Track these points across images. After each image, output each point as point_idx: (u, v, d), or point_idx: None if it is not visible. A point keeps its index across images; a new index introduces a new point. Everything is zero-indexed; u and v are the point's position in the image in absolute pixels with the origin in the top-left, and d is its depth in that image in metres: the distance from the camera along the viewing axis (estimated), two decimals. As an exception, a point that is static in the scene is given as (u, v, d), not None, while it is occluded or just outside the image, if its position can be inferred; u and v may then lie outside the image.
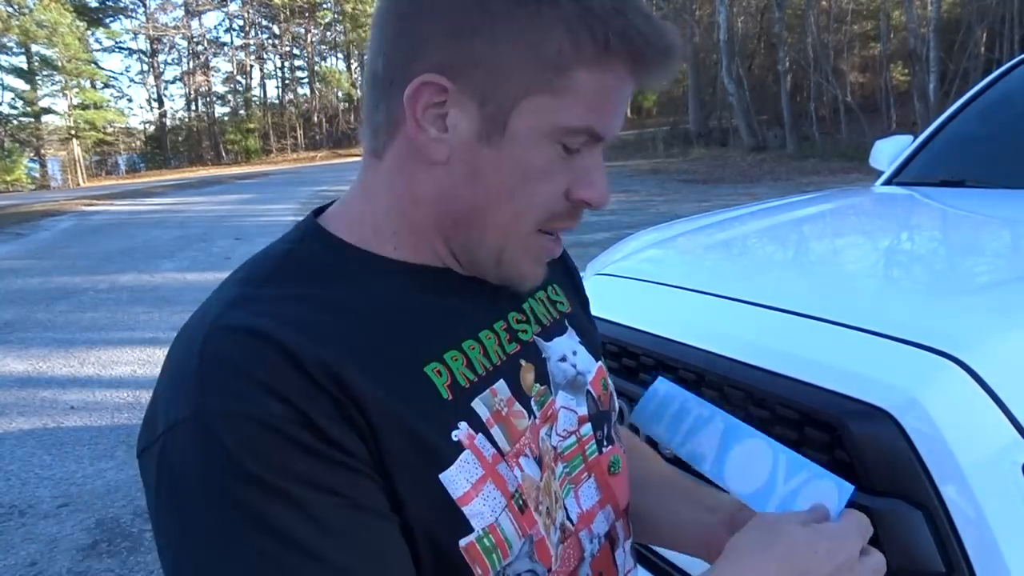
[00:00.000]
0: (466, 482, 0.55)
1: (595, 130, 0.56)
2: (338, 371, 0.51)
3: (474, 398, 0.58)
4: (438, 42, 0.55)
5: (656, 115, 39.56)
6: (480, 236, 0.59)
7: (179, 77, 47.36)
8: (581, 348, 0.72)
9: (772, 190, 11.49)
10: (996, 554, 0.81)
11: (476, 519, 0.55)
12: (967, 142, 2.26)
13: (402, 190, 0.59)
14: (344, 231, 0.61)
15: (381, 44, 0.58)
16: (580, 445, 0.68)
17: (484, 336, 0.62)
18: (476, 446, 0.57)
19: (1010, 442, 0.83)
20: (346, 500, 0.49)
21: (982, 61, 17.38)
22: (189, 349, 0.52)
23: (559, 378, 0.68)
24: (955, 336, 0.93)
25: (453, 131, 0.55)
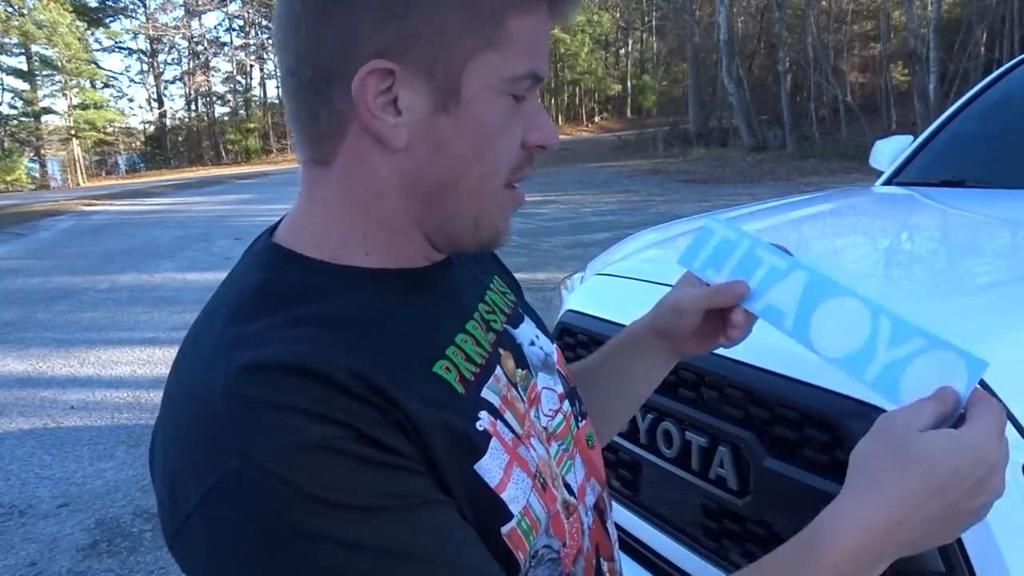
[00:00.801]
0: (499, 469, 0.56)
1: (537, 73, 0.56)
2: (370, 379, 0.50)
3: (482, 388, 0.59)
4: (372, 27, 0.52)
5: (656, 115, 39.56)
6: (455, 208, 0.58)
7: (179, 77, 47.40)
8: (538, 332, 0.74)
9: (772, 190, 11.50)
10: (996, 554, 0.81)
11: (513, 504, 0.56)
12: (967, 142, 2.26)
13: (363, 189, 0.57)
14: (311, 249, 0.58)
15: (300, 47, 0.55)
16: (567, 421, 0.69)
17: (471, 327, 0.63)
18: (499, 432, 0.58)
19: (1010, 442, 0.83)
20: (419, 499, 0.49)
21: (982, 61, 17.39)
22: (205, 406, 0.49)
23: (535, 361, 0.69)
24: (955, 336, 0.93)
25: (408, 112, 0.54)
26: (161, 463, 0.52)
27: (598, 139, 32.49)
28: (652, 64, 47.04)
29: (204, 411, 0.49)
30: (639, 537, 1.28)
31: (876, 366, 0.62)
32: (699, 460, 1.12)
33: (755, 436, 1.02)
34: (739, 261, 0.74)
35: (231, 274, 0.60)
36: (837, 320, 0.66)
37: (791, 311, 0.68)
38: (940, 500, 0.54)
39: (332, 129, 0.56)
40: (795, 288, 0.69)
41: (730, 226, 0.76)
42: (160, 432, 0.53)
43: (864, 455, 0.57)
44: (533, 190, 14.80)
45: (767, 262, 0.71)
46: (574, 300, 1.53)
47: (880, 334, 0.63)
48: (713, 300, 0.76)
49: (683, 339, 0.81)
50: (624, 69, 47.17)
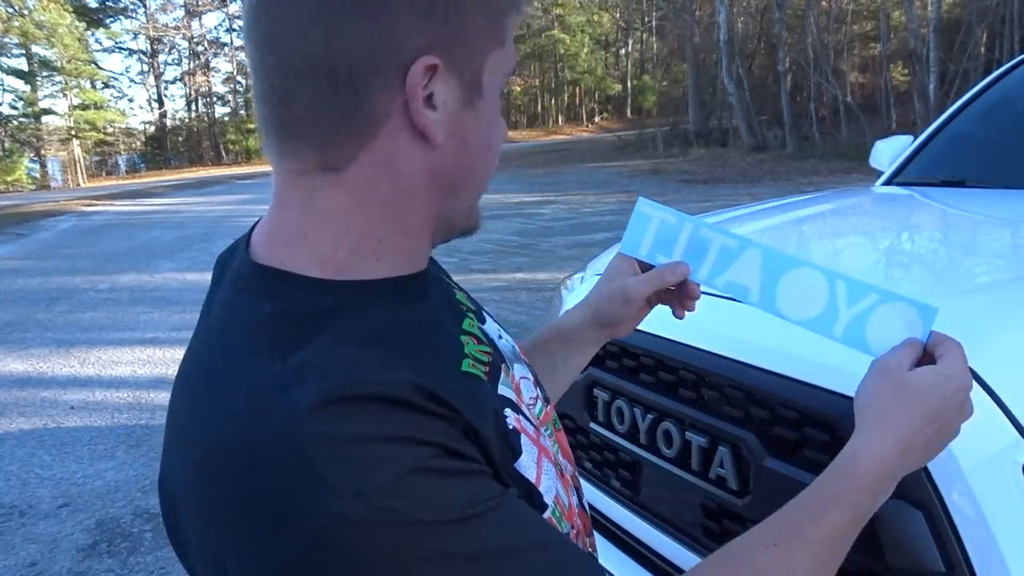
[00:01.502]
0: (533, 463, 0.58)
1: (515, 65, 0.61)
2: (431, 390, 0.50)
3: (497, 385, 0.60)
4: (415, 26, 0.52)
5: (656, 115, 39.55)
6: (466, 197, 0.61)
7: (179, 77, 47.43)
8: (500, 327, 0.75)
9: (772, 190, 11.50)
10: (996, 554, 0.81)
11: (547, 495, 0.59)
12: (967, 142, 2.26)
13: (391, 191, 0.55)
14: (314, 268, 0.55)
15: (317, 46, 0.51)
16: (546, 408, 0.72)
17: (467, 326, 0.64)
18: (524, 427, 0.59)
19: (1010, 442, 0.83)
20: (500, 497, 0.51)
21: (982, 61, 17.39)
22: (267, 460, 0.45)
23: (508, 354, 0.70)
24: (955, 336, 0.93)
25: (442, 108, 0.54)
26: (205, 538, 0.49)
27: (598, 139, 32.49)
28: (652, 64, 47.04)
29: (277, 463, 0.45)
30: (639, 537, 1.28)
31: (841, 324, 0.71)
32: (699, 460, 1.12)
33: (755, 436, 1.02)
34: (688, 244, 0.79)
35: (223, 306, 0.56)
36: (799, 288, 0.73)
37: (755, 285, 0.75)
38: (933, 424, 0.65)
39: (359, 130, 0.53)
40: (753, 264, 0.75)
41: (665, 208, 0.81)
42: (194, 504, 0.49)
43: (868, 396, 0.68)
44: (533, 190, 14.83)
45: (717, 241, 0.77)
46: (574, 300, 1.53)
47: (839, 296, 0.71)
48: (661, 282, 0.80)
49: (621, 324, 0.86)
50: (624, 69, 47.18)
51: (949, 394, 0.65)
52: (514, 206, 12.15)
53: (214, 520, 0.48)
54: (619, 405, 1.29)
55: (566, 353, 0.90)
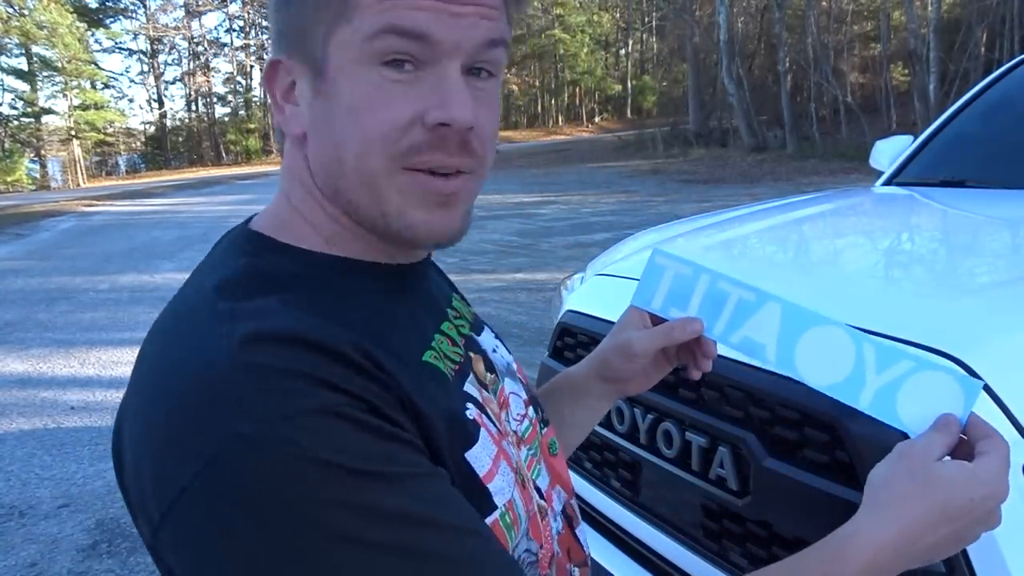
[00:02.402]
0: (488, 459, 0.56)
1: (398, 25, 0.51)
2: (373, 354, 0.50)
3: (464, 382, 0.60)
4: (274, 28, 0.57)
5: (656, 115, 39.54)
6: (352, 189, 0.55)
7: (179, 78, 47.44)
8: (498, 343, 0.74)
9: (772, 190, 11.50)
10: (996, 554, 0.80)
11: (498, 496, 0.56)
12: (967, 142, 2.26)
13: (295, 182, 0.59)
14: (284, 234, 0.58)
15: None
16: (534, 426, 0.70)
17: (446, 328, 0.63)
18: (485, 423, 0.58)
19: (1010, 442, 0.83)
20: (425, 468, 0.49)
21: (982, 61, 17.38)
22: (200, 377, 0.47)
23: (501, 367, 0.69)
24: (955, 336, 0.93)
25: (301, 100, 0.56)
26: (134, 449, 0.49)
27: (598, 139, 32.49)
28: (652, 64, 47.05)
29: (200, 382, 0.47)
30: (639, 537, 1.28)
31: (868, 392, 0.64)
32: (699, 460, 1.12)
33: (755, 436, 1.02)
34: (704, 297, 0.73)
35: (209, 257, 0.59)
36: (821, 349, 0.66)
37: (771, 343, 0.69)
38: (950, 526, 0.58)
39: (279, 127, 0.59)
40: (771, 320, 0.69)
41: (681, 260, 0.75)
42: (132, 416, 0.51)
43: (884, 477, 0.61)
44: (533, 190, 14.83)
45: (734, 295, 0.71)
46: (574, 300, 1.53)
47: (866, 360, 0.64)
48: (668, 339, 0.75)
49: (630, 380, 0.81)
50: (624, 69, 47.18)
51: (978, 499, 0.58)
52: (514, 206, 12.15)
53: (141, 437, 0.49)
54: (619, 405, 1.29)
55: (574, 406, 0.85)
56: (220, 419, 0.45)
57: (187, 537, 0.46)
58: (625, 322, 0.80)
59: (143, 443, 0.49)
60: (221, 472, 0.44)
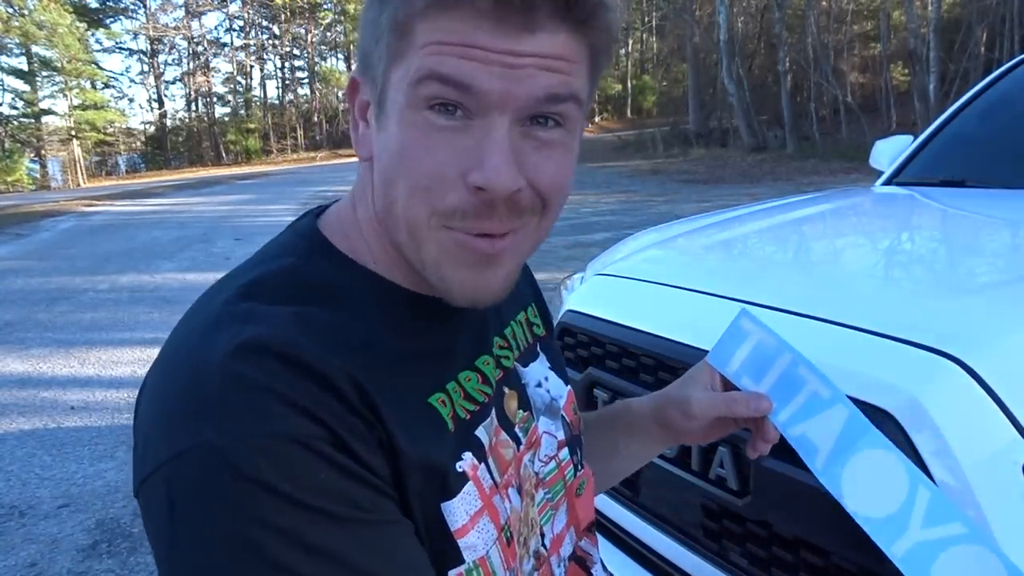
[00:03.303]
0: (465, 514, 0.54)
1: (440, 72, 0.48)
2: (365, 390, 0.50)
3: (476, 427, 0.58)
4: (359, 42, 0.56)
5: (656, 115, 39.55)
6: (398, 232, 0.54)
7: (179, 77, 47.45)
8: (552, 374, 0.71)
9: (772, 190, 11.49)
10: (996, 554, 0.80)
11: (468, 551, 0.54)
12: (967, 142, 2.26)
13: (364, 197, 0.59)
14: (340, 242, 0.58)
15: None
16: (560, 470, 0.67)
17: (482, 363, 0.61)
18: (478, 477, 0.56)
19: (1010, 442, 0.83)
20: (379, 516, 0.48)
21: (982, 61, 17.38)
22: (196, 372, 0.48)
23: (538, 404, 0.67)
24: (956, 336, 0.93)
25: (371, 124, 0.55)
26: (143, 411, 0.52)
27: (598, 139, 32.48)
28: (652, 64, 47.03)
29: (195, 377, 0.48)
30: (639, 537, 1.28)
31: (907, 541, 0.58)
32: (699, 460, 1.12)
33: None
34: (780, 376, 0.67)
35: (272, 242, 0.60)
36: (873, 474, 0.61)
37: (825, 449, 0.64)
38: None
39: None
40: (834, 424, 0.63)
41: (767, 329, 0.69)
42: (150, 380, 0.53)
43: None
44: (533, 190, 14.73)
45: (810, 386, 0.65)
46: (574, 300, 1.53)
47: (916, 506, 0.58)
48: (730, 411, 0.69)
49: (686, 435, 0.76)
50: (624, 69, 47.13)
51: None
52: (514, 206, 12.11)
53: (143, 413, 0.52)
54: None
55: (628, 439, 0.81)
56: (198, 420, 0.46)
57: (149, 511, 0.48)
58: (694, 376, 0.75)
59: (145, 416, 0.52)
60: (184, 468, 0.46)
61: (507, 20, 0.47)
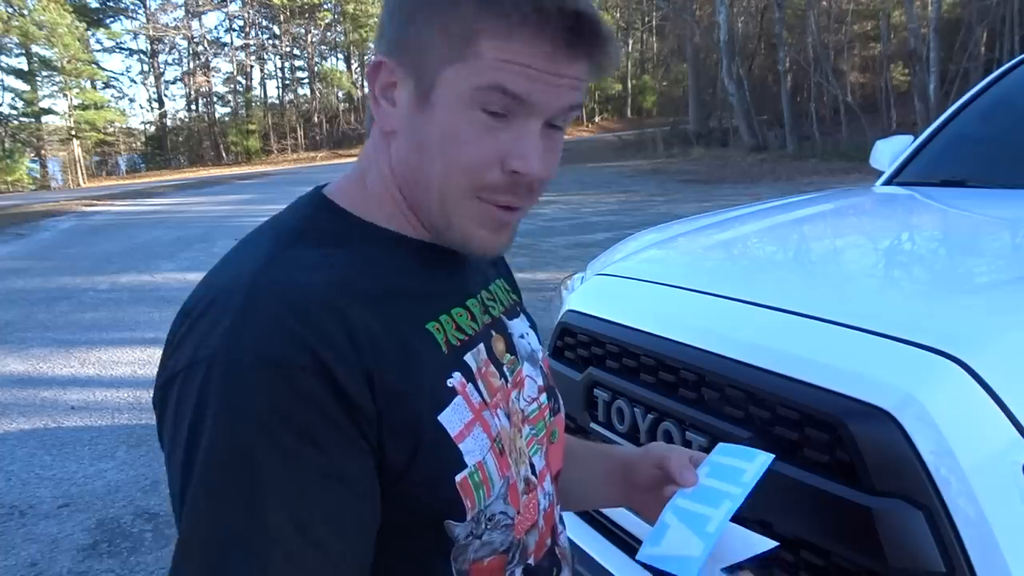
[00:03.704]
0: (459, 422, 0.63)
1: (506, 87, 0.59)
2: (374, 331, 0.59)
3: (466, 353, 0.67)
4: (387, 28, 0.65)
5: (656, 115, 39.55)
6: (427, 198, 0.65)
7: (180, 77, 47.45)
8: (530, 332, 0.82)
9: (773, 190, 11.49)
10: (996, 554, 0.81)
11: (468, 456, 0.63)
12: (967, 142, 2.26)
13: (380, 166, 0.68)
14: (350, 205, 0.68)
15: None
16: (541, 411, 0.77)
17: (471, 304, 0.71)
18: (467, 393, 0.65)
19: (1010, 442, 0.83)
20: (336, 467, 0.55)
21: (982, 61, 17.38)
22: (231, 290, 0.58)
23: (522, 351, 0.77)
24: (955, 336, 0.94)
25: (400, 103, 0.64)
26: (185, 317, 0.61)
27: (598, 139, 32.49)
28: (652, 64, 47.01)
29: (228, 293, 0.58)
30: (639, 537, 1.28)
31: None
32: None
33: (756, 436, 1.02)
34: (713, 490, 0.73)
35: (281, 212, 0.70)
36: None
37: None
38: None
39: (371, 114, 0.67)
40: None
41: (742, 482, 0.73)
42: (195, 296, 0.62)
43: None
44: (533, 190, 14.74)
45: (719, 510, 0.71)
46: (574, 300, 1.53)
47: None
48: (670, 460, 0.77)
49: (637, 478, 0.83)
50: (624, 69, 47.10)
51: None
52: (514, 206, 12.10)
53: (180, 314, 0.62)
54: (619, 405, 1.29)
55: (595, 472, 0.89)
56: (217, 333, 0.56)
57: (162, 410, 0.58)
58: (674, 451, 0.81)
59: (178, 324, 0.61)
60: (190, 375, 0.56)
61: (559, 53, 0.60)
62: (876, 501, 0.86)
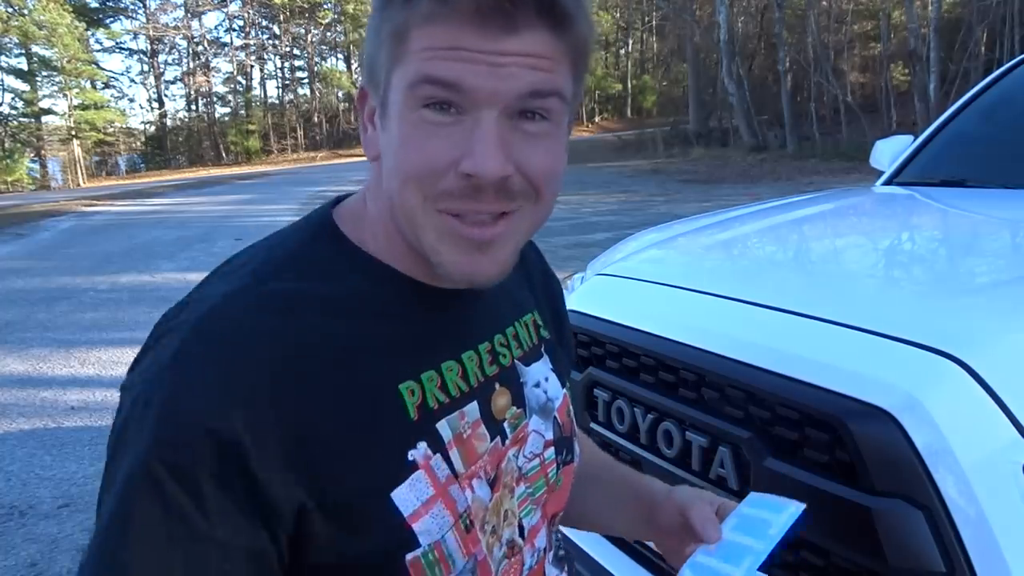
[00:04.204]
0: (416, 500, 0.58)
1: (433, 76, 0.53)
2: (319, 399, 0.54)
3: (440, 419, 0.60)
4: (363, 54, 0.61)
5: (656, 115, 39.55)
6: (402, 224, 0.59)
7: (179, 77, 47.45)
8: (552, 375, 0.74)
9: (773, 190, 11.49)
10: (996, 554, 0.81)
11: (423, 535, 0.58)
12: (967, 142, 2.26)
13: (375, 193, 0.63)
14: (350, 231, 0.63)
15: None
16: (543, 468, 0.70)
17: (467, 358, 0.64)
18: (431, 467, 0.59)
19: (1010, 442, 0.83)
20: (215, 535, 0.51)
21: (982, 61, 17.38)
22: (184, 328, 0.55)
23: (533, 403, 0.70)
24: (955, 336, 0.94)
25: (378, 128, 0.60)
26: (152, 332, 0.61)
27: (598, 139, 32.48)
28: (652, 64, 47.03)
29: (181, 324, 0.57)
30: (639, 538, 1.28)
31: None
32: (700, 460, 1.12)
33: (756, 436, 1.02)
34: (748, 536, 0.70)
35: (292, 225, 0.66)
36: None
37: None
38: None
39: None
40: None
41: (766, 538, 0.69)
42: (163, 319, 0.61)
43: None
44: (533, 190, 14.73)
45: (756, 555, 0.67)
46: (575, 300, 1.53)
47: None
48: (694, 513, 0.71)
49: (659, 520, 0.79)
50: (624, 69, 47.16)
51: None
52: (514, 206, 12.09)
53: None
54: (619, 405, 1.29)
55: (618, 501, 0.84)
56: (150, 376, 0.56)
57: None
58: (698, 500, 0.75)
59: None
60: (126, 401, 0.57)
61: (489, 24, 0.52)
62: (876, 501, 0.86)
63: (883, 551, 0.85)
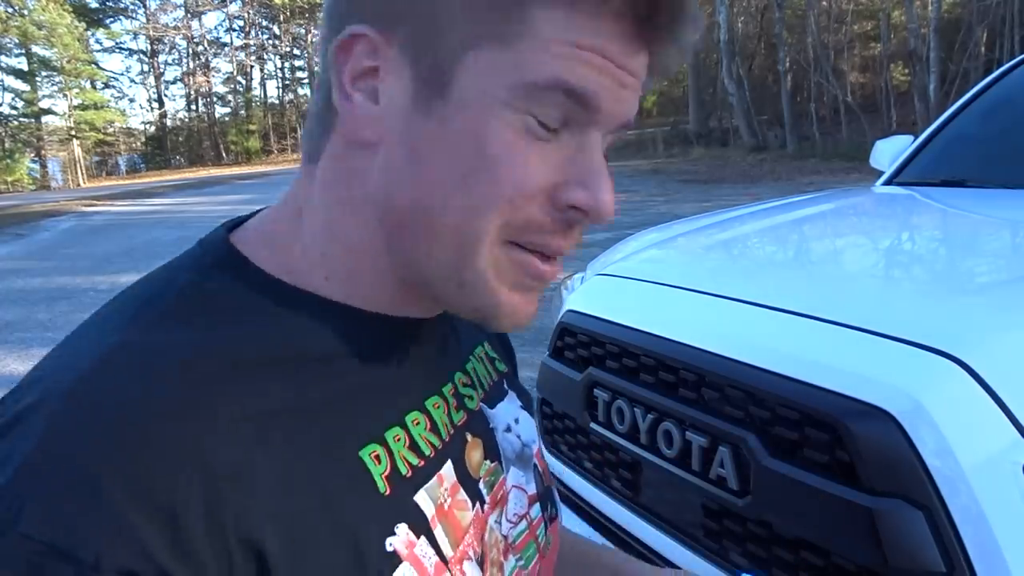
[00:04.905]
0: None
1: (570, 86, 0.40)
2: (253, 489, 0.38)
3: (417, 490, 0.46)
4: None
5: (656, 115, 39.56)
6: (429, 247, 0.43)
7: (180, 78, 47.48)
8: (523, 414, 0.61)
9: (773, 190, 11.49)
10: (996, 554, 0.81)
11: None
12: (967, 142, 2.26)
13: (340, 194, 0.46)
14: (264, 257, 0.46)
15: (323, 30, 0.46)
16: (531, 530, 0.58)
17: (431, 405, 0.50)
18: (416, 555, 0.44)
19: (1010, 442, 0.83)
20: None
21: (982, 61, 17.37)
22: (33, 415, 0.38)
23: (508, 452, 0.57)
24: (956, 336, 0.94)
25: (388, 103, 0.42)
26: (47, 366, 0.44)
27: (598, 139, 32.42)
28: (652, 64, 47.05)
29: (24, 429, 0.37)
30: (639, 537, 1.28)
31: None
32: (699, 460, 1.12)
33: (755, 436, 1.02)
34: None
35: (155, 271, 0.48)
36: None
37: None
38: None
39: (324, 116, 0.46)
40: None
41: None
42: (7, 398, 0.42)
43: None
44: (533, 190, 14.72)
45: None
46: (574, 300, 1.53)
47: None
48: None
49: None
50: (624, 69, 47.17)
51: None
52: (514, 206, 12.10)
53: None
54: (619, 405, 1.29)
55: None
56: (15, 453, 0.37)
57: None
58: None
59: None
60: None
61: (639, 33, 0.41)
62: (876, 501, 0.86)
63: (883, 551, 0.85)
